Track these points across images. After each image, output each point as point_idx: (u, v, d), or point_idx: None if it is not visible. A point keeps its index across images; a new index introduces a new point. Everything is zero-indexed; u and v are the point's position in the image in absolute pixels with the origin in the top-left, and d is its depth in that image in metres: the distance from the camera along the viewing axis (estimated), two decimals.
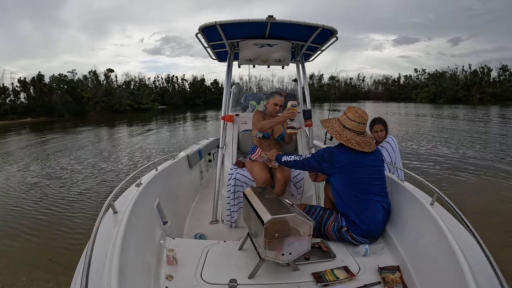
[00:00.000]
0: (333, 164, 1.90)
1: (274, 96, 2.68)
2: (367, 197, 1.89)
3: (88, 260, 1.15)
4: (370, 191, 1.90)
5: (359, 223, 1.89)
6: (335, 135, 1.93)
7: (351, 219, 1.92)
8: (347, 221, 1.94)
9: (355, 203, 1.90)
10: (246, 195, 1.87)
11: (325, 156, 1.92)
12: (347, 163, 1.89)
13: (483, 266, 1.25)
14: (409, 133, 12.91)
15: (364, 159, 1.91)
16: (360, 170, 1.89)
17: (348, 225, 1.93)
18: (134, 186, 2.07)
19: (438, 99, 45.58)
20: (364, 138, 1.93)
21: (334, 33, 2.75)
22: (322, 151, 1.97)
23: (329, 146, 2.04)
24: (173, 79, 57.97)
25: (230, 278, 1.58)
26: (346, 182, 1.91)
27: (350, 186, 1.90)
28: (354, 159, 1.89)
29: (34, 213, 4.64)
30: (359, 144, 1.88)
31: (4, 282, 2.85)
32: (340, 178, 1.92)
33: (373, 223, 1.90)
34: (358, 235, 1.90)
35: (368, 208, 1.89)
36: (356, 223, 1.90)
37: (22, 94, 33.55)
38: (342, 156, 1.89)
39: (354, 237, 1.91)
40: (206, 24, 2.56)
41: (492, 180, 5.85)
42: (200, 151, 3.92)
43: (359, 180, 1.89)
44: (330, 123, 2.01)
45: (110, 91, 41.76)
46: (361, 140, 1.91)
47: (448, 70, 54.32)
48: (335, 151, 1.93)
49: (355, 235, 1.91)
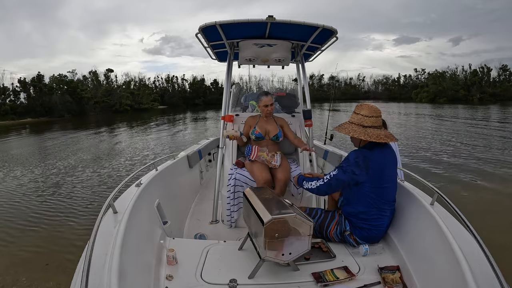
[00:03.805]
0: (369, 170, 1.75)
1: (261, 98, 2.73)
2: (384, 206, 1.84)
3: (88, 260, 1.15)
4: (388, 199, 1.85)
5: (365, 229, 1.87)
6: (362, 136, 1.77)
7: (358, 225, 1.88)
8: (352, 226, 1.91)
9: (371, 212, 1.83)
10: (246, 195, 1.87)
11: (360, 162, 1.76)
12: (381, 166, 1.78)
13: (483, 266, 1.25)
14: (409, 133, 12.91)
15: (389, 159, 1.84)
16: (389, 173, 1.81)
17: (352, 230, 1.91)
18: (134, 186, 2.07)
19: (438, 99, 45.57)
20: (387, 131, 1.85)
21: (334, 33, 2.75)
22: (354, 158, 1.79)
23: (355, 151, 1.85)
24: (173, 79, 57.95)
25: (230, 278, 1.58)
26: (375, 191, 1.79)
27: (376, 196, 1.80)
28: (385, 157, 1.81)
29: (34, 213, 4.64)
30: (387, 136, 1.78)
31: (4, 282, 2.85)
32: (369, 187, 1.79)
33: (380, 229, 1.89)
34: (362, 239, 1.90)
35: (381, 218, 1.86)
36: (362, 228, 1.87)
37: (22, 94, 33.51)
38: (376, 158, 1.77)
39: (356, 240, 1.91)
40: (206, 24, 2.56)
41: (492, 180, 5.86)
42: (200, 151, 3.92)
43: (385, 189, 1.82)
44: (349, 127, 1.85)
45: (110, 91, 41.73)
46: (385, 133, 1.81)
47: (448, 70, 54.38)
48: (368, 154, 1.77)
49: (358, 239, 1.90)
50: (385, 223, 1.90)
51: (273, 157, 2.63)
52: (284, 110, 3.32)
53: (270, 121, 2.80)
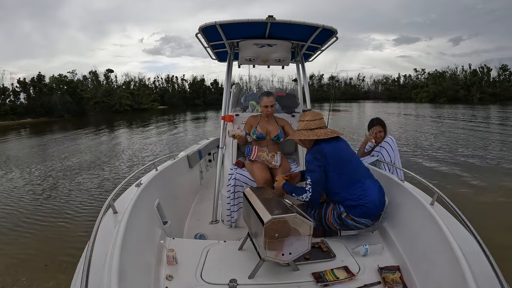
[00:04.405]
0: (327, 157, 1.95)
1: (262, 98, 2.73)
2: (360, 179, 1.98)
3: (88, 260, 1.15)
4: (360, 175, 2.01)
5: (357, 205, 1.92)
6: (313, 136, 2.02)
7: (349, 204, 1.95)
8: (345, 207, 1.97)
9: (351, 189, 1.95)
10: (246, 195, 1.87)
11: (317, 156, 1.97)
12: (334, 152, 1.98)
13: (483, 266, 1.25)
14: (409, 133, 12.92)
15: (343, 147, 2.06)
16: (346, 156, 2.02)
17: (347, 210, 1.96)
18: (134, 186, 2.07)
19: (438, 99, 45.58)
20: (329, 129, 2.11)
21: (334, 33, 2.75)
22: (312, 156, 2.00)
23: (308, 152, 2.09)
24: (173, 79, 57.97)
25: (230, 278, 1.58)
26: (341, 171, 1.96)
27: (346, 174, 1.97)
28: (336, 147, 2.02)
29: (34, 213, 4.64)
30: (332, 132, 2.05)
31: (4, 282, 2.85)
32: (335, 169, 1.96)
33: (371, 201, 1.92)
34: (359, 217, 1.93)
35: (362, 189, 1.95)
36: (354, 206, 1.93)
37: (22, 94, 33.49)
38: (327, 148, 1.98)
39: (355, 220, 1.93)
40: (206, 24, 2.56)
41: (492, 180, 5.85)
42: (200, 151, 3.92)
43: (350, 165, 2.00)
44: (299, 133, 2.10)
45: (110, 91, 41.74)
46: (329, 130, 2.08)
47: (448, 70, 54.38)
48: (319, 148, 2.00)
49: (356, 217, 1.93)
50: (374, 196, 1.95)
51: (273, 157, 2.63)
52: (284, 110, 3.32)
53: (271, 121, 2.80)
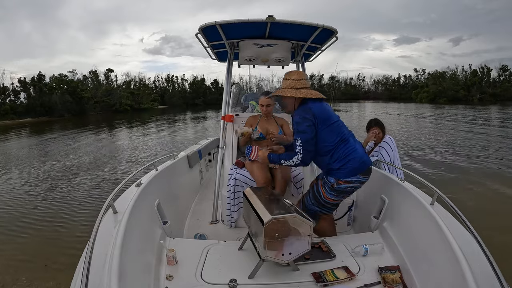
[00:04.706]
0: (316, 116, 1.92)
1: (260, 98, 2.77)
2: (347, 138, 1.98)
3: (88, 260, 1.15)
4: (346, 134, 2.00)
5: (345, 163, 1.92)
6: (299, 95, 1.98)
7: (336, 167, 1.94)
8: (333, 174, 1.96)
9: (339, 148, 1.95)
10: (246, 195, 1.87)
11: (306, 116, 1.92)
12: (321, 111, 1.96)
13: (483, 266, 1.25)
14: (409, 133, 12.92)
15: (328, 107, 2.05)
16: (332, 115, 2.00)
17: (337, 176, 1.95)
18: (134, 186, 2.07)
19: (438, 99, 45.55)
20: (313, 91, 2.06)
21: (334, 33, 2.75)
22: (300, 117, 1.95)
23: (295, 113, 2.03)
24: (173, 79, 58.00)
25: (230, 278, 1.58)
26: (330, 129, 1.95)
27: (334, 132, 1.96)
28: (322, 106, 2.00)
29: (34, 213, 4.64)
30: (317, 93, 2.02)
31: (4, 282, 2.85)
32: (324, 128, 1.94)
33: (359, 157, 1.93)
34: (350, 176, 1.92)
35: (349, 147, 1.95)
36: (343, 166, 1.92)
37: (22, 94, 33.51)
38: (315, 107, 1.95)
39: (348, 181, 1.93)
40: (206, 24, 2.56)
41: (492, 180, 5.85)
42: (200, 151, 3.92)
43: (337, 125, 1.99)
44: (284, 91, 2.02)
45: (110, 91, 41.73)
46: (314, 92, 2.04)
47: (448, 70, 54.34)
48: (306, 107, 1.96)
49: (346, 178, 1.92)
50: (361, 152, 1.96)
51: None
52: (284, 110, 3.32)
53: (271, 121, 2.80)
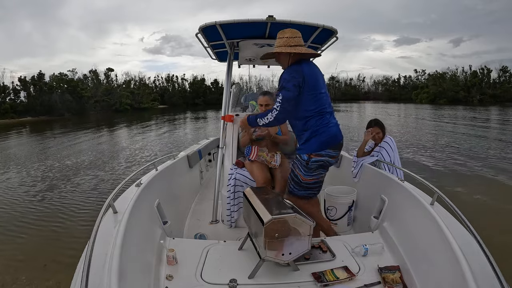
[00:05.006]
0: (305, 79, 1.88)
1: (259, 98, 2.77)
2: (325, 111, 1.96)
3: (88, 260, 1.15)
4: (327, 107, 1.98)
5: (314, 136, 1.93)
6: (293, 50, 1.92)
7: (306, 137, 1.95)
8: (303, 149, 1.97)
9: (315, 119, 1.93)
10: (246, 195, 1.87)
11: (295, 75, 1.87)
12: (312, 75, 1.92)
13: (483, 266, 1.25)
14: (409, 134, 12.92)
15: (320, 74, 2.00)
16: (321, 83, 1.97)
17: (306, 152, 1.95)
18: (134, 186, 2.07)
19: (438, 100, 45.54)
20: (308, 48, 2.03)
21: (334, 33, 2.75)
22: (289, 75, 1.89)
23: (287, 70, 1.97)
24: (173, 78, 58.00)
25: (230, 278, 1.58)
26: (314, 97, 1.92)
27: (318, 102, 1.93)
28: (315, 70, 1.97)
29: (34, 213, 4.64)
30: (311, 50, 1.99)
31: (4, 281, 2.85)
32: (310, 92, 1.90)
33: (327, 131, 1.93)
34: (318, 149, 1.93)
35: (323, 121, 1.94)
36: (309, 139, 1.94)
37: (22, 93, 33.56)
38: (306, 70, 1.91)
39: (318, 154, 1.93)
40: (206, 24, 2.56)
41: (492, 180, 5.86)
42: (200, 151, 3.92)
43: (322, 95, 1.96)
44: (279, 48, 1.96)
45: (110, 90, 41.76)
46: (308, 49, 2.01)
47: (448, 71, 54.33)
48: (298, 68, 1.90)
49: (316, 152, 1.93)
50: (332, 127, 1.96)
51: (273, 157, 2.63)
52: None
53: None
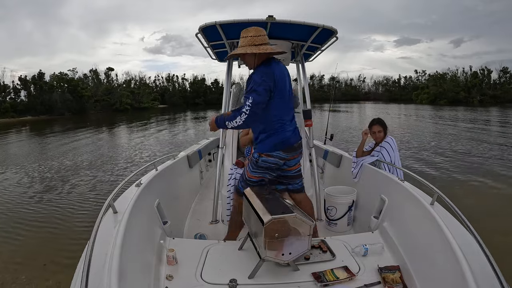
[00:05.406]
0: (276, 83, 1.84)
1: None
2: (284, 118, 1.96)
3: (88, 260, 1.15)
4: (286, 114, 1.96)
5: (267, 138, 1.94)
6: (258, 50, 1.84)
7: (261, 138, 1.97)
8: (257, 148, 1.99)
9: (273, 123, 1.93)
10: (246, 195, 1.87)
11: (266, 79, 1.81)
12: (282, 78, 1.89)
13: (483, 266, 1.25)
14: (409, 134, 12.92)
15: (287, 77, 1.97)
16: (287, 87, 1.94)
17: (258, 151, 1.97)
18: (134, 186, 2.07)
19: (438, 100, 45.51)
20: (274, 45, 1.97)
21: (334, 33, 2.75)
22: (260, 78, 1.82)
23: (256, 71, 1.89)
24: (173, 78, 58.04)
25: (230, 278, 1.58)
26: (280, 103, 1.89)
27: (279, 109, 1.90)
28: (283, 73, 1.93)
29: (34, 212, 4.64)
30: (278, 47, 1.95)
31: (3, 280, 2.85)
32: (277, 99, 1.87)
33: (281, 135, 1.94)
34: (270, 150, 1.95)
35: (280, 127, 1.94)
36: (263, 140, 1.95)
37: (23, 92, 33.57)
38: (276, 71, 1.87)
39: (268, 154, 1.95)
40: (206, 24, 2.56)
41: (492, 180, 5.85)
42: (200, 151, 3.92)
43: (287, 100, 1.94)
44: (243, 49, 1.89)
45: (111, 89, 41.80)
46: (274, 46, 1.95)
47: (449, 71, 54.31)
48: (268, 70, 1.85)
49: (268, 152, 1.95)
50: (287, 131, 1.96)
51: None
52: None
53: None
